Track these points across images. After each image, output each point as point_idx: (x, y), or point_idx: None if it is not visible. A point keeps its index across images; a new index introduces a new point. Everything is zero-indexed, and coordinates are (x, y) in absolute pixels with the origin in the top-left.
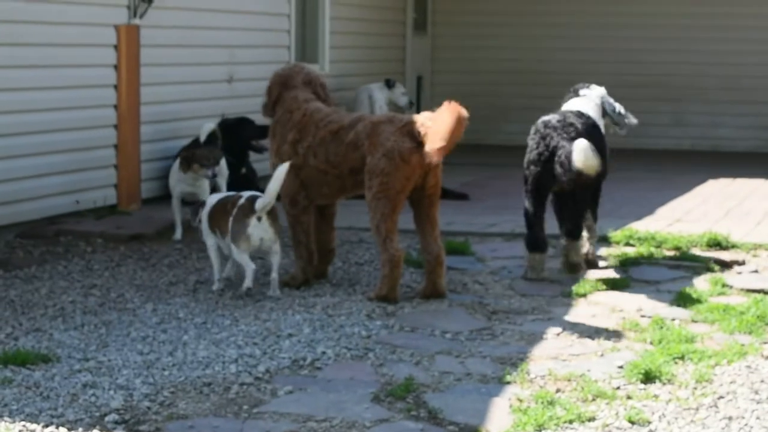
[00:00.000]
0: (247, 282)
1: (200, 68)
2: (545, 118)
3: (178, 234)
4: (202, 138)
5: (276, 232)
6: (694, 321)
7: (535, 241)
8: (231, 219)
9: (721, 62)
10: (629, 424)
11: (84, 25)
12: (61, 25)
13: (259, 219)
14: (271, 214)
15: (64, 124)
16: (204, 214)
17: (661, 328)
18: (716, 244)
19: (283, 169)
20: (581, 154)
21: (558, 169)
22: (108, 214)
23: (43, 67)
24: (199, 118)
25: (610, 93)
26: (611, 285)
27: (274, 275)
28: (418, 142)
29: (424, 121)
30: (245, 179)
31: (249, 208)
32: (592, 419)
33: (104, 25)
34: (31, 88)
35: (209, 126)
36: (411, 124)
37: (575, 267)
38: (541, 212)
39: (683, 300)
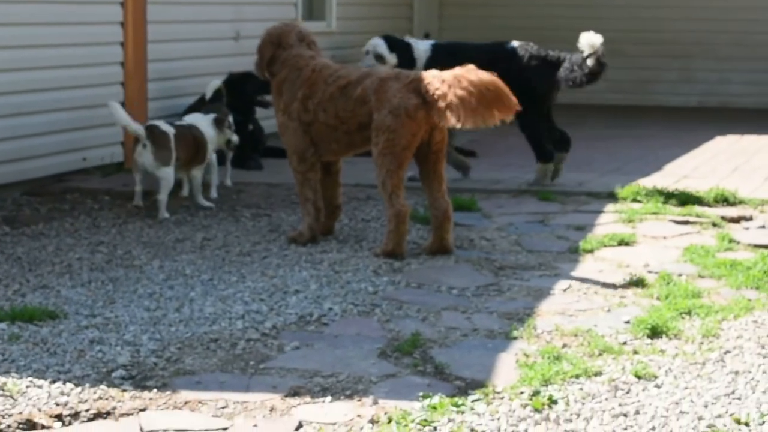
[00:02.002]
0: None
1: (207, 25)
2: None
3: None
4: (208, 95)
5: (157, 159)
6: (701, 276)
7: (549, 153)
8: None
9: (729, 18)
10: (636, 379)
11: None
12: None
13: (144, 146)
14: (156, 142)
15: (71, 82)
16: None
17: (668, 283)
18: (724, 200)
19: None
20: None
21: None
22: (115, 172)
23: (50, 24)
24: (206, 75)
25: (617, 49)
26: (618, 241)
27: (159, 197)
28: (424, 98)
29: (431, 78)
30: (252, 136)
31: (142, 136)
32: (598, 374)
33: None
34: (37, 45)
35: (215, 83)
36: (418, 80)
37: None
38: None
39: (690, 255)
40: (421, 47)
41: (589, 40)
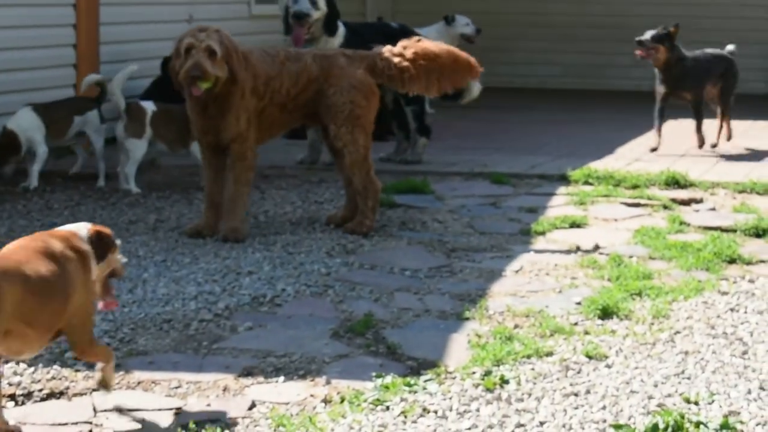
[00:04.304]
0: None
1: (160, 7)
2: None
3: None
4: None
5: (128, 131)
6: (651, 258)
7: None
8: None
9: (678, 2)
10: (587, 359)
11: None
12: None
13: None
14: (131, 116)
15: (23, 63)
16: None
17: (619, 265)
18: (674, 182)
19: None
20: None
21: None
22: (67, 154)
23: (2, 6)
24: (158, 58)
25: (570, 34)
26: (570, 223)
27: (125, 169)
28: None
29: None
30: None
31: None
32: (549, 354)
33: None
34: None
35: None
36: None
37: None
38: None
39: (641, 237)
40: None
41: None
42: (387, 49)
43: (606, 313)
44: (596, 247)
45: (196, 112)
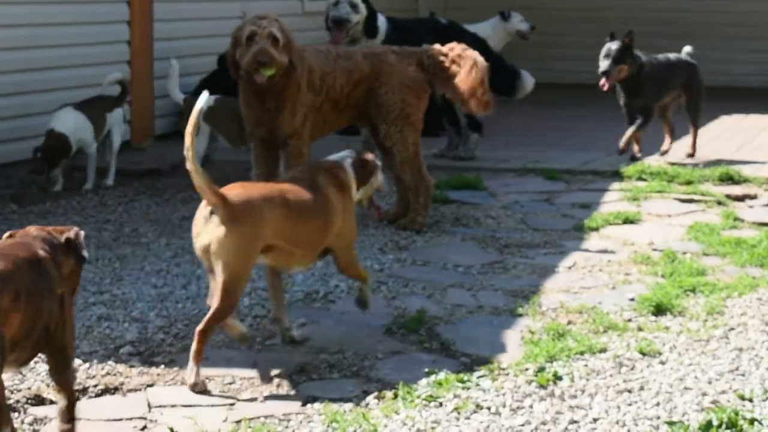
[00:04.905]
0: None
1: (213, 4)
2: None
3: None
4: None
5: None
6: (705, 254)
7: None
8: None
9: None
10: (640, 355)
11: None
12: None
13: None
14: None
15: (78, 60)
16: None
17: (673, 261)
18: (728, 178)
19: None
20: None
21: None
22: (122, 150)
23: (56, 3)
24: (213, 54)
25: (623, 29)
26: (623, 219)
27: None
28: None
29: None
30: None
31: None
32: (603, 350)
33: None
34: (43, 23)
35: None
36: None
37: None
38: None
39: (695, 233)
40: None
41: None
42: (435, 47)
43: (660, 310)
44: (650, 244)
45: (250, 104)
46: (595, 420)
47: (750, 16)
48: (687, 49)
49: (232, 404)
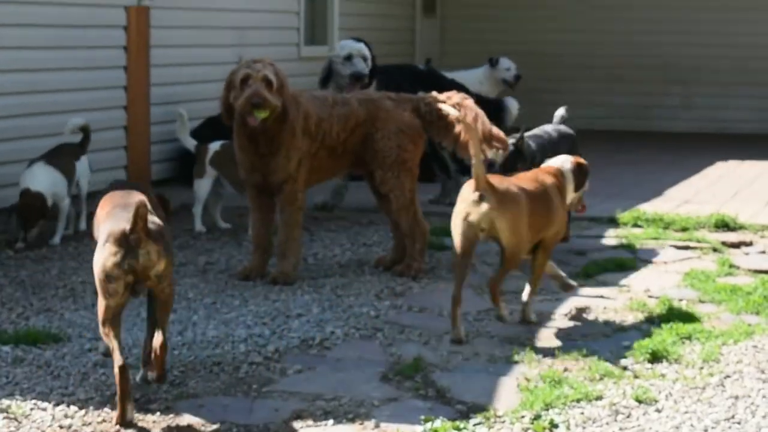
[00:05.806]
0: None
1: (210, 49)
2: None
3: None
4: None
5: (194, 172)
6: (701, 301)
7: None
8: None
9: (729, 44)
10: (636, 403)
11: (94, 6)
12: (71, 6)
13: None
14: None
15: (74, 105)
16: None
17: (669, 308)
18: (724, 225)
19: None
20: None
21: None
22: None
23: (53, 48)
24: (209, 99)
25: (618, 75)
26: (619, 265)
27: (193, 209)
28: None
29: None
30: None
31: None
32: (599, 398)
33: (114, 6)
34: (40, 69)
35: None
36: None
37: None
38: None
39: (691, 280)
40: None
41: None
42: (432, 95)
43: (655, 357)
44: (646, 290)
45: (244, 148)
46: None
47: (744, 62)
48: (561, 111)
49: None
